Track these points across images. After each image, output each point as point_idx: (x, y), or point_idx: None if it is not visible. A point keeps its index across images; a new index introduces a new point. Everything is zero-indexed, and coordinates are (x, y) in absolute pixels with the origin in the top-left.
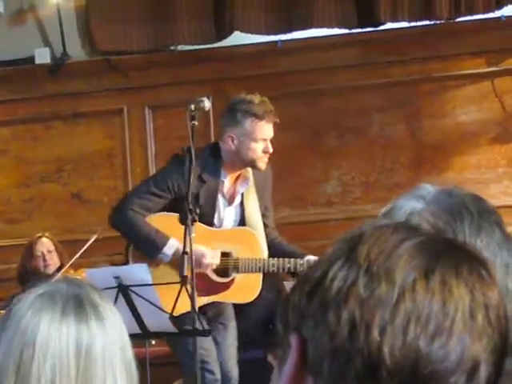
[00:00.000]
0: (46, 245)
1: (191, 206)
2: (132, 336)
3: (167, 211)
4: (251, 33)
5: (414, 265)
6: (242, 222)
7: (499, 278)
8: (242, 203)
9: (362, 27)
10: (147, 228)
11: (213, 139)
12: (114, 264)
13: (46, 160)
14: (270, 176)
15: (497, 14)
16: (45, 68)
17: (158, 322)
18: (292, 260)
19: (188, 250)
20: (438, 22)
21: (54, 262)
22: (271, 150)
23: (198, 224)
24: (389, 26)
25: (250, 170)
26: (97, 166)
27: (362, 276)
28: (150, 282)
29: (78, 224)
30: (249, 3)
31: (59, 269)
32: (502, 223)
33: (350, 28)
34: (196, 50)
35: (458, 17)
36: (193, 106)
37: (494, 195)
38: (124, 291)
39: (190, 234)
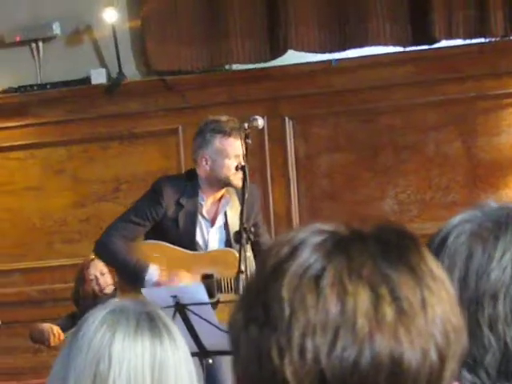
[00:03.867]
0: (98, 267)
1: (245, 225)
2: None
3: (152, 238)
4: (305, 51)
5: (303, 272)
6: (229, 242)
7: None
8: (226, 223)
9: (416, 45)
10: (127, 258)
11: (268, 158)
12: None
13: (103, 180)
14: (257, 193)
15: None
16: (101, 88)
17: (215, 340)
18: None
19: (243, 268)
20: (493, 39)
21: (108, 283)
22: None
23: (177, 249)
24: (444, 43)
25: (232, 190)
26: None
27: (260, 300)
28: (207, 301)
29: None
30: (302, 21)
31: (115, 289)
32: None
33: (404, 46)
34: (250, 69)
35: None
36: (246, 125)
37: None
38: (181, 310)
39: (245, 252)
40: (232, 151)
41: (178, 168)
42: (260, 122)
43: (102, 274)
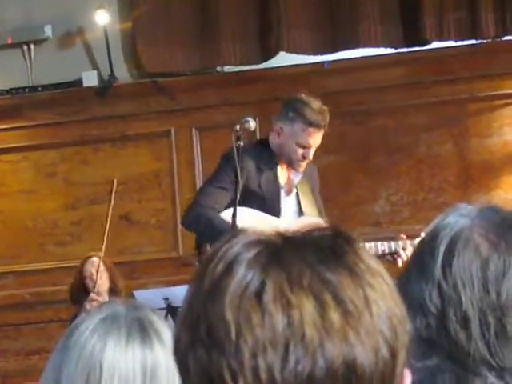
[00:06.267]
0: (95, 265)
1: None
2: None
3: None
4: (297, 53)
5: (242, 290)
6: (301, 213)
7: None
8: (297, 195)
9: (408, 47)
10: (221, 223)
11: None
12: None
13: (94, 182)
14: (316, 176)
15: None
16: (92, 91)
17: None
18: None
19: None
20: (485, 40)
21: (102, 282)
22: (311, 158)
23: (265, 215)
24: (435, 45)
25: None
26: (145, 187)
27: (202, 321)
28: None
29: (127, 246)
30: (294, 23)
31: (109, 291)
32: None
33: (396, 47)
34: (242, 71)
35: (505, 35)
36: (238, 127)
37: None
38: (173, 312)
39: None
40: (304, 142)
41: (170, 170)
42: (252, 123)
43: (98, 272)
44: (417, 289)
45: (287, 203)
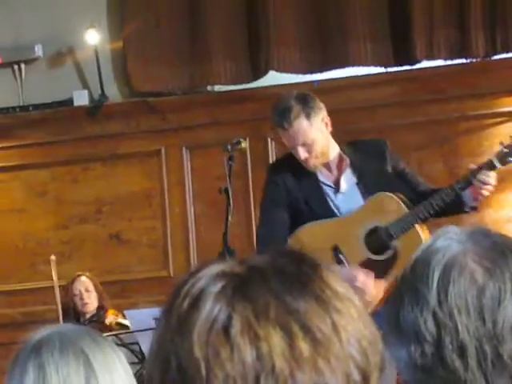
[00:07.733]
0: (84, 284)
1: (231, 247)
2: None
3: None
4: (286, 72)
5: (210, 326)
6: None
7: None
8: (357, 184)
9: (398, 65)
10: None
11: (250, 179)
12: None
13: (85, 201)
14: (385, 149)
15: None
16: (83, 110)
17: None
18: (437, 194)
19: None
20: (475, 60)
21: (91, 301)
22: (302, 157)
23: (325, 223)
24: (425, 64)
25: (343, 149)
26: (135, 206)
27: (172, 359)
28: None
29: (117, 265)
30: (284, 43)
31: (98, 309)
32: None
33: (386, 66)
34: (233, 90)
35: (494, 55)
36: (230, 147)
37: None
38: None
39: None
40: (286, 143)
41: (161, 189)
42: (243, 144)
43: (86, 291)
44: (411, 316)
45: (342, 200)
